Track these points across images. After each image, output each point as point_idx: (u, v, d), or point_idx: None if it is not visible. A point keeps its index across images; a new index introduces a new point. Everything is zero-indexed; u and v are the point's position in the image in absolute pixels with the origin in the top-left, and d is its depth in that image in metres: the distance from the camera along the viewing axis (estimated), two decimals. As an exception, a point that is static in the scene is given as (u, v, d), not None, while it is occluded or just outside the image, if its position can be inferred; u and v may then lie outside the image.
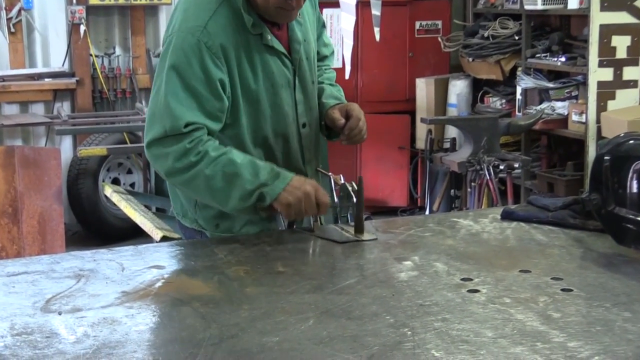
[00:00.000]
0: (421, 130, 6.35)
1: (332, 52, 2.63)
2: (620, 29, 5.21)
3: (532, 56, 5.80)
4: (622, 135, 2.07)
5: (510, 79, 6.14)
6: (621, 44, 5.22)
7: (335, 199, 2.33)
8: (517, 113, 5.96)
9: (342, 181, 2.35)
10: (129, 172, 6.33)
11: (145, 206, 5.21)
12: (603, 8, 5.16)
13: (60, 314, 1.67)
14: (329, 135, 2.50)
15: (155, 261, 2.02)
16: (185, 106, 2.14)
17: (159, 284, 1.85)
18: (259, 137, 2.28)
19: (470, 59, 6.31)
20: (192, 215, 2.35)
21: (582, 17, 5.47)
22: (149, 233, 4.44)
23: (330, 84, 2.54)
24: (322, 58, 2.55)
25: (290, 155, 2.34)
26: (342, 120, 2.36)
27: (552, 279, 1.86)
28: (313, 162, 2.42)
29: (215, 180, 2.13)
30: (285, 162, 2.30)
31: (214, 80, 2.16)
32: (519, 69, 5.93)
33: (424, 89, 6.54)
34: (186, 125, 2.14)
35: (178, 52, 2.15)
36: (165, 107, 2.14)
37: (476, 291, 1.77)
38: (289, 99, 2.32)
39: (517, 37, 5.98)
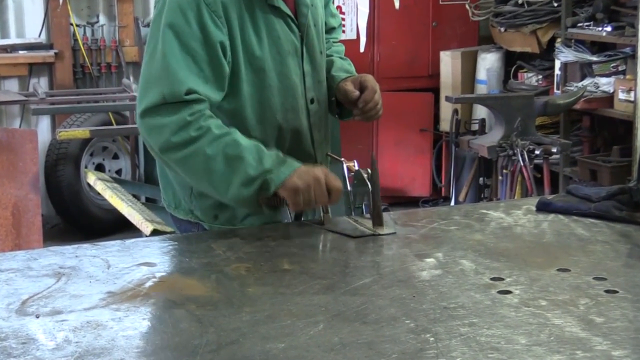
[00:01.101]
0: (446, 110, 6.34)
1: (340, 25, 2.64)
2: (675, -6, 5.17)
3: (573, 25, 5.77)
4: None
5: (547, 52, 6.12)
6: (675, 11, 5.19)
7: (349, 188, 2.34)
8: (555, 90, 5.94)
9: (357, 168, 2.35)
10: (115, 157, 6.35)
11: (134, 195, 5.23)
12: (655, -30, 5.13)
13: (37, 317, 1.68)
14: (341, 114, 2.50)
15: (145, 258, 2.03)
16: (186, 69, 2.15)
17: (149, 283, 1.86)
18: (266, 112, 2.28)
19: (502, 29, 6.28)
20: (186, 205, 2.36)
21: (631, -20, 5.44)
22: (138, 226, 4.46)
23: (340, 57, 2.55)
24: (329, 30, 2.56)
25: (300, 135, 2.34)
26: (356, 92, 2.37)
27: (594, 278, 1.86)
28: (323, 145, 2.42)
29: (216, 162, 2.13)
30: (294, 143, 2.31)
31: (214, 42, 2.17)
32: (558, 40, 5.91)
33: (449, 63, 6.52)
34: (187, 93, 2.14)
35: (174, 9, 2.16)
36: (163, 70, 2.15)
37: (508, 292, 1.78)
38: (296, 69, 2.33)
39: (555, 4, 5.95)
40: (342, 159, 2.43)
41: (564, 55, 5.81)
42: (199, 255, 2.04)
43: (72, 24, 6.34)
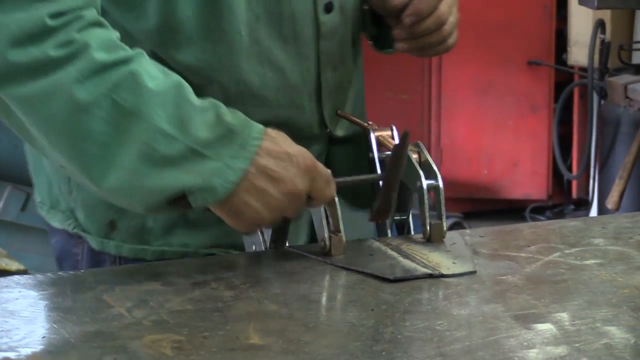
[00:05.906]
0: (580, 24, 6.36)
1: None
2: None
3: None
4: None
5: None
6: None
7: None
8: None
9: (396, 140, 2.38)
10: None
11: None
12: None
13: None
14: (378, 40, 2.57)
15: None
16: None
17: (-18, 372, 1.89)
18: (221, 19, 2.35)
19: None
20: (64, 202, 2.44)
21: None
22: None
23: None
24: None
25: (293, 72, 2.41)
26: None
27: None
28: (337, 96, 2.47)
29: (92, 118, 2.12)
30: (279, 86, 2.37)
31: None
32: None
33: None
34: None
35: None
36: None
37: (700, 392, 1.80)
38: None
39: None
40: (370, 122, 2.46)
41: None
42: (81, 316, 2.06)
43: None
